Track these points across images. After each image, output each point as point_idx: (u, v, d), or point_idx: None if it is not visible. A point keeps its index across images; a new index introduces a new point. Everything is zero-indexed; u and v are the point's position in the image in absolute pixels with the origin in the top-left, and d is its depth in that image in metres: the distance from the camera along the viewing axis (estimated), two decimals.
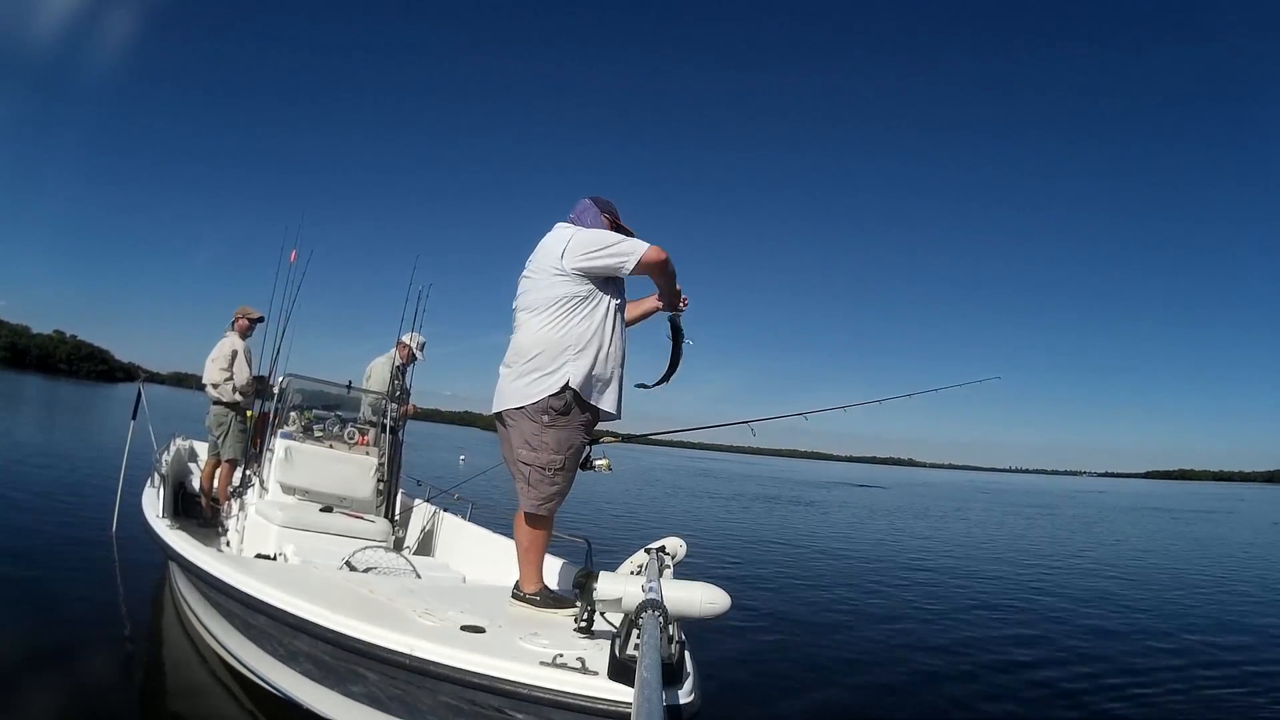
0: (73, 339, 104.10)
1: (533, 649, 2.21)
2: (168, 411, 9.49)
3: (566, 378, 2.93)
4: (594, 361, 2.99)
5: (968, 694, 5.15)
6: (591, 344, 2.98)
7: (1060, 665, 5.99)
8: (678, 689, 1.93)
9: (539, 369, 2.95)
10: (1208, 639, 7.27)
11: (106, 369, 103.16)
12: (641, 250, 2.98)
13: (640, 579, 2.25)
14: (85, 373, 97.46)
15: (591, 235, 3.04)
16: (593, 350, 2.99)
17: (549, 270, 3.01)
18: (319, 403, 6.41)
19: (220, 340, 6.84)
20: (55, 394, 44.53)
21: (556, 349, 2.95)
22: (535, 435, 2.95)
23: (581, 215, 3.23)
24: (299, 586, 2.86)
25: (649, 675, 1.52)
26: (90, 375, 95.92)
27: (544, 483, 2.95)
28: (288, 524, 4.79)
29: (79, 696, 3.63)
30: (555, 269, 2.99)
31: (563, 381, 2.93)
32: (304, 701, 2.82)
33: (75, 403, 38.20)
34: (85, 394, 50.25)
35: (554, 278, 2.99)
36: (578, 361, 2.95)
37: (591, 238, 3.02)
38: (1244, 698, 5.46)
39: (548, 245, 3.09)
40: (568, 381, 2.93)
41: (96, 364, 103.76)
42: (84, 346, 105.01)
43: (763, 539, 13.38)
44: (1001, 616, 7.81)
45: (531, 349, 2.98)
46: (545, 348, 2.95)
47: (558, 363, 2.94)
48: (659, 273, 3.11)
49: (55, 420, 24.25)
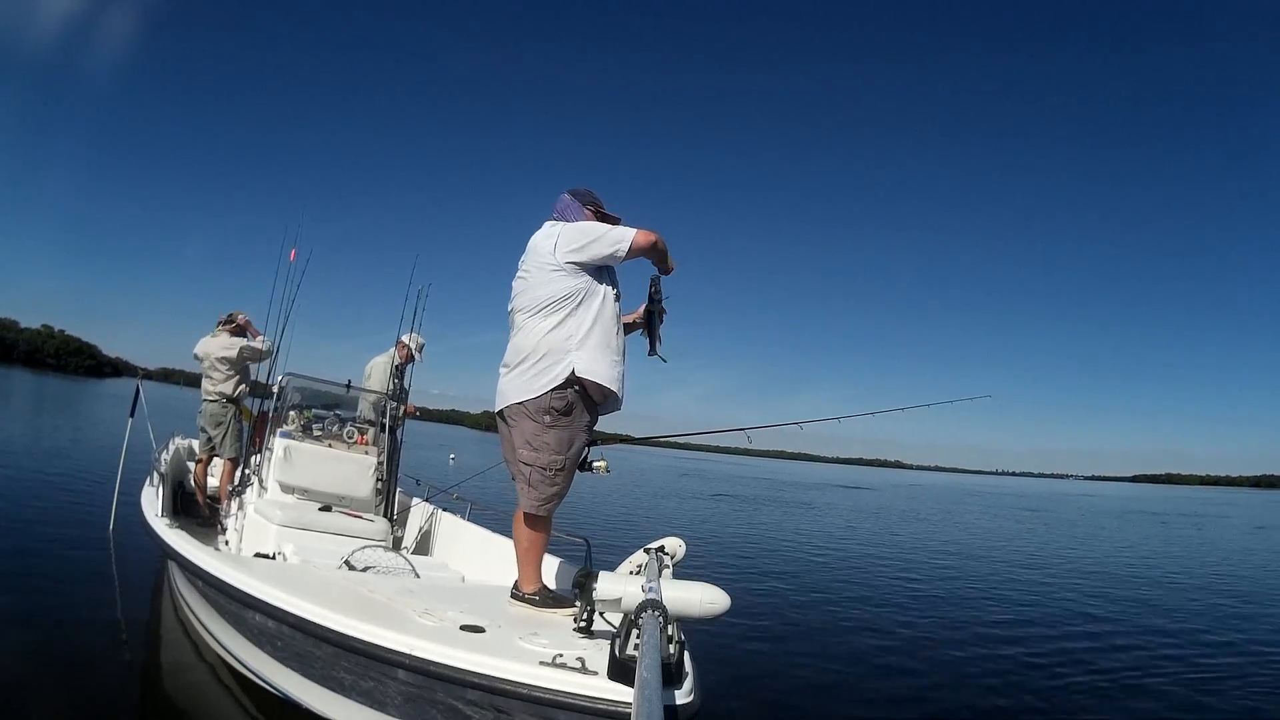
0: (60, 334, 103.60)
1: (532, 649, 2.21)
2: (162, 409, 9.45)
3: (572, 367, 2.93)
4: (598, 347, 3.00)
5: (968, 693, 5.16)
6: (594, 332, 3.00)
7: (1067, 666, 6.00)
8: (677, 689, 1.93)
9: (542, 364, 2.96)
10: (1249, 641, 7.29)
11: (95, 364, 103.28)
12: (631, 236, 3.01)
13: (640, 579, 2.25)
14: (74, 368, 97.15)
15: (580, 226, 3.07)
16: (595, 337, 3.00)
17: (545, 267, 3.02)
18: (318, 402, 6.41)
19: (222, 339, 6.83)
20: (44, 389, 44.22)
21: (559, 343, 2.96)
22: (536, 435, 2.95)
23: (565, 211, 3.24)
24: (298, 586, 2.86)
25: (649, 675, 1.53)
26: (79, 370, 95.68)
27: (544, 483, 2.95)
28: (287, 523, 4.79)
29: (78, 697, 3.62)
30: (550, 265, 3.00)
31: (568, 372, 2.93)
32: (303, 701, 2.82)
33: (65, 398, 37.89)
34: (74, 389, 49.92)
35: (550, 274, 3.00)
36: (581, 351, 2.96)
37: (581, 229, 3.05)
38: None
39: (538, 244, 3.10)
40: (573, 370, 2.93)
41: (85, 359, 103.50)
42: (72, 341, 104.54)
43: (760, 539, 13.38)
44: (1000, 616, 7.82)
45: (532, 346, 2.98)
46: (548, 345, 2.96)
47: (561, 355, 2.95)
48: (652, 253, 3.12)
49: (45, 417, 23.96)
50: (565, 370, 2.93)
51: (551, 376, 2.94)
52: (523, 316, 3.05)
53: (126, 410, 7.58)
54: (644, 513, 16.01)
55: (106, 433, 19.55)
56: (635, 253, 3.04)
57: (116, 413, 27.05)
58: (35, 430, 18.62)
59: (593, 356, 2.98)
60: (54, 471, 11.06)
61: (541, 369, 2.95)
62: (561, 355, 2.95)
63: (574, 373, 2.93)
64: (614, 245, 3.00)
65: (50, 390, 43.86)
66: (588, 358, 2.96)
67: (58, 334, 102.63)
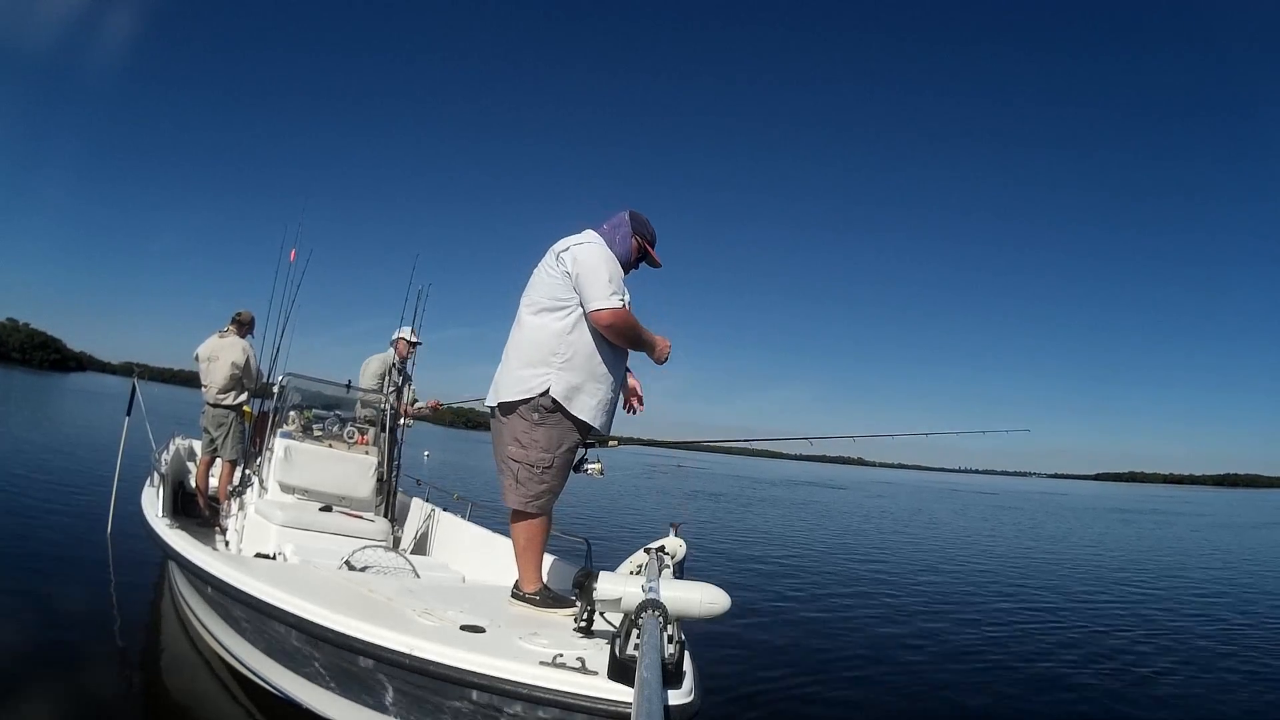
0: (26, 327, 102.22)
1: (532, 649, 2.21)
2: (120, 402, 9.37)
3: (548, 385, 2.93)
4: (580, 371, 2.98)
5: (970, 692, 5.16)
6: (577, 357, 2.97)
7: (1072, 665, 6.00)
8: (677, 689, 1.93)
9: (531, 368, 2.96)
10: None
11: (59, 358, 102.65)
12: (597, 306, 2.92)
13: (640, 579, 2.25)
14: (39, 362, 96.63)
15: (591, 259, 2.98)
16: (578, 364, 2.97)
17: (554, 269, 3.03)
18: (318, 402, 6.41)
19: (230, 341, 6.81)
20: (10, 383, 43.64)
21: (545, 352, 2.96)
22: (525, 433, 2.96)
23: (615, 228, 3.18)
24: (298, 586, 2.85)
25: (649, 675, 1.53)
26: (43, 364, 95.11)
27: (532, 481, 2.95)
28: (287, 523, 4.79)
29: (78, 697, 3.62)
30: (559, 267, 3.01)
31: (544, 387, 2.93)
32: (303, 701, 2.82)
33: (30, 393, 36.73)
34: (39, 384, 49.36)
35: (558, 275, 3.01)
36: (561, 373, 2.95)
37: (590, 262, 2.97)
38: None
39: (560, 245, 3.10)
40: (548, 389, 2.93)
41: (49, 353, 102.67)
42: (37, 335, 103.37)
43: (759, 539, 13.39)
44: (1001, 614, 7.81)
45: (527, 344, 3.00)
46: (538, 350, 2.97)
47: (543, 367, 2.95)
48: (610, 335, 3.01)
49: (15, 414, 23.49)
50: (542, 385, 2.93)
51: (538, 383, 2.94)
52: (526, 311, 3.07)
53: (94, 406, 7.54)
54: (644, 513, 16.00)
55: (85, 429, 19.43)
56: (592, 320, 2.96)
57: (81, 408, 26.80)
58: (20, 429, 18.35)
59: (569, 382, 2.95)
60: (51, 471, 11.02)
61: (531, 373, 2.96)
62: (544, 366, 2.94)
63: (548, 391, 2.93)
64: (586, 301, 2.94)
65: (16, 384, 43.09)
66: (565, 383, 2.94)
67: (23, 327, 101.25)
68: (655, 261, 3.28)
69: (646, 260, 3.28)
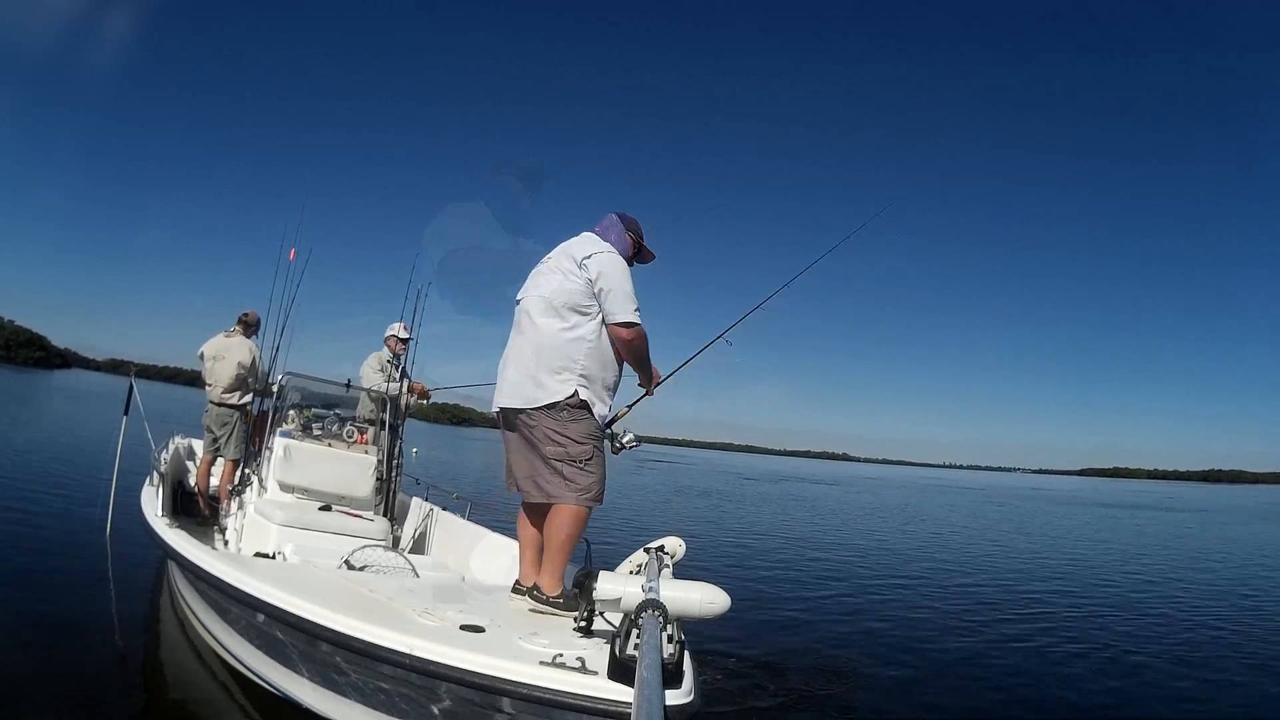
0: (10, 324, 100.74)
1: (533, 649, 2.21)
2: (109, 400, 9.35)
3: (574, 388, 2.98)
4: (598, 383, 3.05)
5: (972, 692, 5.16)
6: (597, 365, 3.04)
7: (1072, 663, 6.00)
8: (677, 689, 1.93)
9: (554, 374, 2.98)
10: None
11: (44, 355, 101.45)
12: (621, 320, 3.01)
13: (640, 579, 2.25)
14: (23, 359, 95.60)
15: (616, 270, 3.05)
16: (597, 372, 3.04)
17: (573, 272, 3.03)
18: (318, 401, 6.40)
19: (238, 341, 6.81)
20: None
21: (567, 359, 2.99)
22: (559, 430, 2.97)
23: (607, 230, 3.25)
24: (298, 585, 2.85)
25: (649, 675, 1.52)
26: (28, 361, 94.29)
27: (580, 474, 2.96)
28: (287, 523, 4.79)
29: (78, 696, 3.62)
30: (583, 274, 3.01)
31: (571, 390, 2.98)
32: (303, 701, 2.82)
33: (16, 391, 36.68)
34: (25, 381, 48.85)
35: (578, 279, 3.02)
36: (584, 378, 3.00)
37: (615, 274, 3.03)
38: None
39: (572, 248, 3.12)
40: (575, 391, 2.98)
41: (34, 350, 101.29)
42: (22, 332, 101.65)
43: (758, 538, 13.37)
44: (1001, 611, 7.81)
45: (547, 352, 3.00)
46: (558, 355, 2.99)
47: (566, 373, 2.98)
48: (624, 349, 3.11)
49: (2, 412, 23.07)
50: (571, 388, 2.98)
51: (566, 387, 2.98)
52: (536, 311, 3.06)
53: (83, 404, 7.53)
54: (644, 512, 15.99)
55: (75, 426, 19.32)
56: (611, 333, 3.05)
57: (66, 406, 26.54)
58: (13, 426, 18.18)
59: (591, 387, 3.03)
60: (47, 470, 10.95)
61: (556, 379, 2.98)
62: (568, 373, 2.99)
63: (577, 394, 2.98)
64: (609, 312, 3.02)
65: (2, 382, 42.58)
66: (588, 387, 3.02)
67: (7, 324, 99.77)
68: (649, 256, 3.38)
69: (638, 257, 3.35)
